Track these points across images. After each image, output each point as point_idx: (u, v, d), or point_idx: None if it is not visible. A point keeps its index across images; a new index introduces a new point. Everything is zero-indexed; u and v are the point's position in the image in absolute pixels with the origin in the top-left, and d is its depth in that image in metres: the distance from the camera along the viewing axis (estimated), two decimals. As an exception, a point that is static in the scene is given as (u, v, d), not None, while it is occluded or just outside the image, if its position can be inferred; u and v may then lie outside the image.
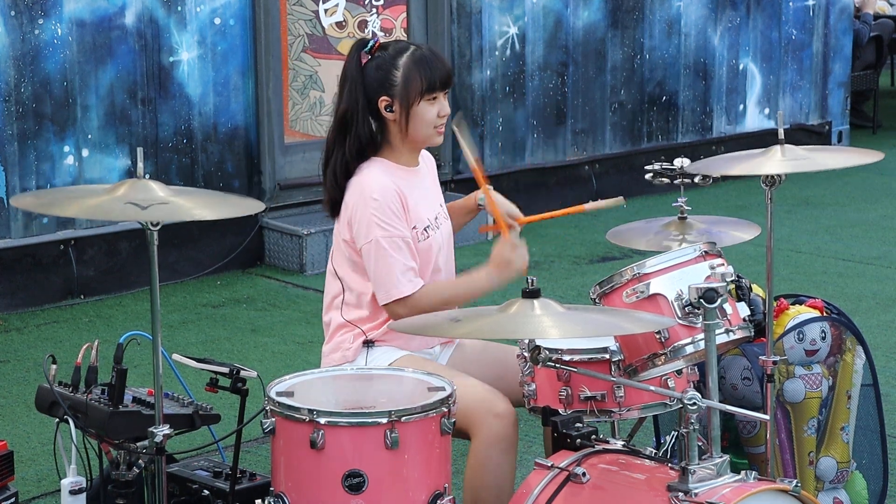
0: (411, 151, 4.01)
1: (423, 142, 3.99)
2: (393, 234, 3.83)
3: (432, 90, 3.92)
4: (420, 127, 3.94)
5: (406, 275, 3.82)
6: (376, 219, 3.82)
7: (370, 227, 3.83)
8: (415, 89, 3.90)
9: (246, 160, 8.05)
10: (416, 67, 3.90)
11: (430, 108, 3.93)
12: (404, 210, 3.88)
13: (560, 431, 3.51)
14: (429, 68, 3.91)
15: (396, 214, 3.85)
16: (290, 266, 7.98)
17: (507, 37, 9.16)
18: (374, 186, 3.86)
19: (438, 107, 3.95)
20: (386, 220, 3.83)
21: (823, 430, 4.39)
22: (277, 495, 3.28)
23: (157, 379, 3.31)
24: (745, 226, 4.34)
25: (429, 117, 3.93)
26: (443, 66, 3.95)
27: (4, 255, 7.16)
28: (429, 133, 3.96)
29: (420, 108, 3.92)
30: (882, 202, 9.83)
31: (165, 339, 6.24)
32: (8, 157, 7.11)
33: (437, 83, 3.92)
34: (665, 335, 3.52)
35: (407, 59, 3.91)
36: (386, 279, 3.82)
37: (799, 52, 11.07)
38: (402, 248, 3.83)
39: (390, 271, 3.81)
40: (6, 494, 3.94)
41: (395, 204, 3.86)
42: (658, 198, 9.22)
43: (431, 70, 3.91)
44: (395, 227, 3.84)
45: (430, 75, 3.91)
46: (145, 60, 7.54)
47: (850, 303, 7.04)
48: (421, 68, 3.90)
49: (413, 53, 3.93)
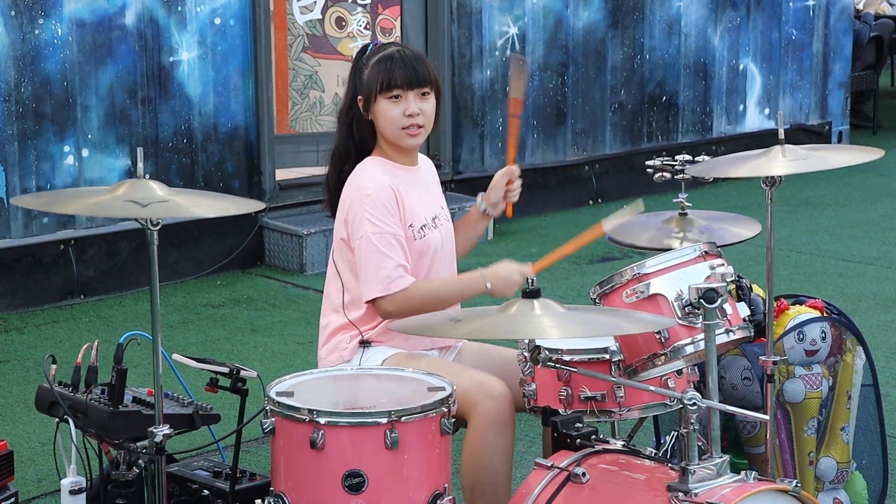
0: (397, 151, 4.00)
1: (393, 142, 3.96)
2: (384, 230, 3.82)
3: (390, 88, 3.89)
4: (385, 126, 3.93)
5: (395, 271, 3.81)
6: (368, 215, 3.82)
7: (362, 224, 3.83)
8: (373, 87, 3.90)
9: (246, 160, 8.05)
10: (377, 66, 3.91)
11: (392, 107, 3.91)
12: (399, 207, 3.87)
13: (560, 431, 3.51)
14: (389, 67, 3.90)
15: (390, 211, 3.84)
16: (290, 266, 7.98)
17: (507, 37, 9.16)
18: (369, 183, 3.87)
19: (403, 106, 3.91)
20: (378, 217, 3.83)
21: (823, 430, 4.39)
22: (277, 495, 3.28)
23: (157, 379, 3.31)
24: (745, 222, 4.34)
25: (390, 115, 3.91)
26: (409, 66, 3.90)
27: (4, 255, 7.16)
28: (396, 133, 3.93)
29: (380, 107, 3.92)
30: (882, 202, 9.83)
31: (165, 339, 6.24)
32: (8, 157, 7.11)
33: (396, 81, 3.89)
34: (665, 335, 3.52)
35: (376, 59, 3.93)
36: (373, 275, 3.81)
37: (799, 52, 11.07)
38: (392, 245, 3.83)
39: (379, 268, 3.80)
40: (6, 494, 3.94)
41: (389, 201, 3.85)
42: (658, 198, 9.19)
43: (391, 69, 3.90)
44: (386, 224, 3.83)
45: (389, 74, 3.89)
46: (145, 60, 7.54)
47: (851, 303, 7.04)
48: (381, 67, 3.90)
49: (384, 54, 3.93)
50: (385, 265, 3.80)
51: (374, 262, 3.81)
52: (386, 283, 3.80)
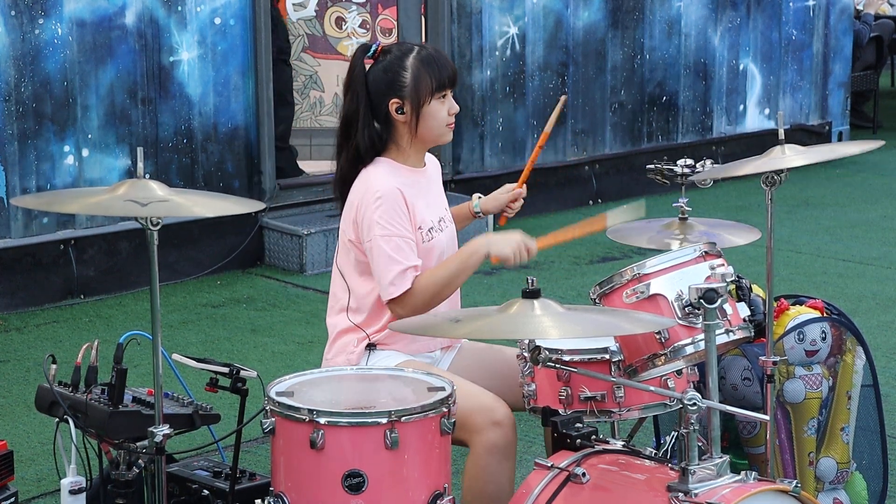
0: (418, 152, 4.01)
1: (435, 140, 4.00)
2: (395, 233, 3.83)
3: (442, 88, 3.93)
4: (432, 126, 3.95)
5: (400, 275, 3.81)
6: (379, 218, 3.82)
7: (372, 227, 3.83)
8: (425, 89, 3.91)
9: (246, 160, 8.05)
10: (425, 67, 3.92)
11: (441, 107, 3.95)
12: (408, 210, 3.88)
13: (560, 432, 3.51)
14: (437, 67, 3.93)
15: (400, 214, 3.85)
16: (290, 266, 7.98)
17: (507, 37, 9.16)
18: (379, 186, 3.87)
19: (448, 104, 3.96)
20: (389, 220, 3.83)
21: (823, 430, 4.39)
22: (277, 495, 3.28)
23: (157, 379, 3.31)
24: (745, 230, 4.33)
25: (440, 115, 3.95)
26: (449, 64, 3.98)
27: (4, 255, 7.16)
28: (441, 131, 3.98)
29: (431, 108, 3.93)
30: (882, 202, 9.83)
31: (165, 339, 6.24)
32: (8, 156, 7.11)
33: (447, 81, 3.94)
34: (665, 335, 3.52)
35: (414, 60, 3.92)
36: (383, 279, 3.82)
37: (799, 52, 11.07)
38: (401, 248, 3.83)
39: (386, 272, 3.81)
40: (6, 494, 3.94)
41: (399, 204, 3.86)
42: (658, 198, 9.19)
43: (440, 69, 3.93)
44: (397, 227, 3.83)
45: (440, 74, 3.93)
46: (145, 60, 7.54)
47: (851, 303, 7.04)
48: (430, 67, 3.92)
49: (419, 53, 3.94)
50: (392, 269, 3.80)
51: (383, 266, 3.81)
52: (391, 287, 3.80)
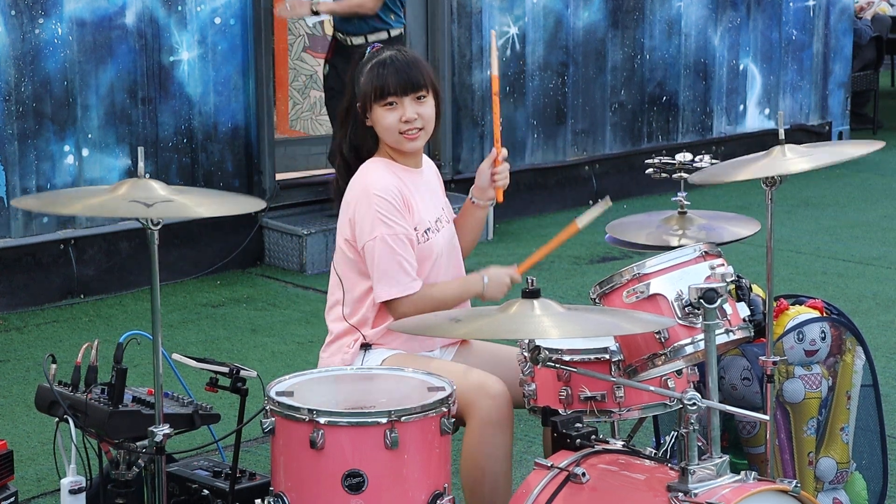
0: (401, 155, 4.00)
1: (395, 147, 3.96)
2: (397, 231, 3.83)
3: (384, 96, 3.89)
4: (384, 132, 3.94)
5: (410, 273, 3.82)
6: (380, 215, 3.82)
7: (374, 224, 3.83)
8: (368, 96, 3.91)
9: (246, 160, 8.05)
10: (370, 74, 3.91)
11: (388, 115, 3.91)
12: (407, 208, 3.88)
13: (560, 431, 3.51)
14: (382, 75, 3.89)
15: (400, 211, 3.85)
16: (290, 266, 7.98)
17: (507, 37, 9.16)
18: (377, 184, 3.87)
19: (399, 112, 3.90)
20: (390, 217, 3.83)
21: (823, 430, 4.39)
22: (277, 495, 3.28)
23: (157, 379, 3.31)
24: (744, 221, 4.34)
25: (386, 123, 3.91)
26: (402, 72, 3.89)
27: (4, 255, 7.16)
28: (394, 139, 3.94)
29: (377, 115, 3.92)
30: (882, 202, 9.83)
31: (165, 338, 6.24)
32: (8, 156, 7.11)
33: (389, 89, 3.89)
34: (665, 335, 3.52)
35: (372, 65, 3.93)
36: (390, 276, 3.82)
37: (799, 52, 11.07)
38: (405, 246, 3.84)
39: (394, 268, 3.81)
40: (6, 494, 3.94)
41: (398, 201, 3.86)
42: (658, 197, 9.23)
43: (384, 77, 3.89)
44: (398, 224, 3.84)
45: (381, 82, 3.89)
46: (145, 60, 7.54)
47: (850, 303, 7.04)
48: (374, 75, 3.90)
49: (377, 59, 3.93)
50: (401, 267, 3.81)
51: (390, 263, 3.81)
52: (401, 285, 3.81)
